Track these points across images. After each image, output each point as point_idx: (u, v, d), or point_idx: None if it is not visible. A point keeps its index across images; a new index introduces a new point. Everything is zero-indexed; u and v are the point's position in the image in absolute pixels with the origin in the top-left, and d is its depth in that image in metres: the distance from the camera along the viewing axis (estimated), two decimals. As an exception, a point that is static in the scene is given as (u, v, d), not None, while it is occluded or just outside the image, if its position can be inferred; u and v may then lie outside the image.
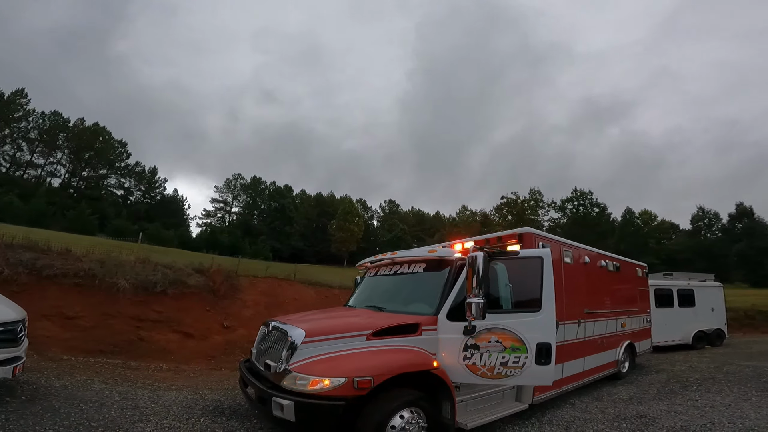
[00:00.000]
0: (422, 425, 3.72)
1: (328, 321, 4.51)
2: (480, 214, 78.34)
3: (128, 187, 68.72)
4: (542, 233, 5.80)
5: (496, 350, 4.01)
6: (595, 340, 6.66)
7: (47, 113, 60.72)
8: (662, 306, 12.16)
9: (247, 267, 13.54)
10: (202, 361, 8.35)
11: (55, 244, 9.48)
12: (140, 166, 69.34)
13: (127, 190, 68.77)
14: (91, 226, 45.64)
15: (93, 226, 46.33)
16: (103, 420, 4.15)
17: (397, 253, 5.59)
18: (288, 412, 3.27)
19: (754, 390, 6.52)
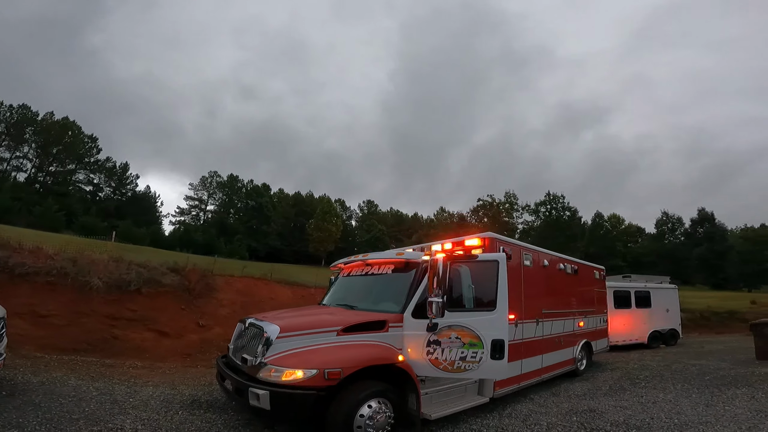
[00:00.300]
0: (389, 415, 4.05)
1: (301, 318, 4.79)
2: (457, 215, 79.59)
3: (98, 183, 66.42)
4: (504, 238, 6.22)
5: (455, 346, 4.39)
6: (553, 339, 7.15)
7: (15, 106, 58.45)
8: (620, 307, 12.84)
9: (223, 266, 13.61)
10: (177, 359, 8.46)
11: (26, 242, 9.39)
12: (111, 161, 67.13)
13: (97, 186, 66.43)
14: (58, 222, 44.07)
15: (60, 222, 44.73)
16: (83, 413, 4.31)
17: (369, 255, 5.94)
18: (264, 401, 3.55)
19: (696, 387, 7.06)
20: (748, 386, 6.88)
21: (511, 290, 5.59)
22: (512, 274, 5.82)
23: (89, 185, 65.83)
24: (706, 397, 6.31)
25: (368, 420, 3.86)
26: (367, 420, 3.84)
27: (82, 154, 63.33)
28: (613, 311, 12.39)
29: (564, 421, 5.20)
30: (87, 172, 64.99)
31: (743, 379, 7.45)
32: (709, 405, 5.74)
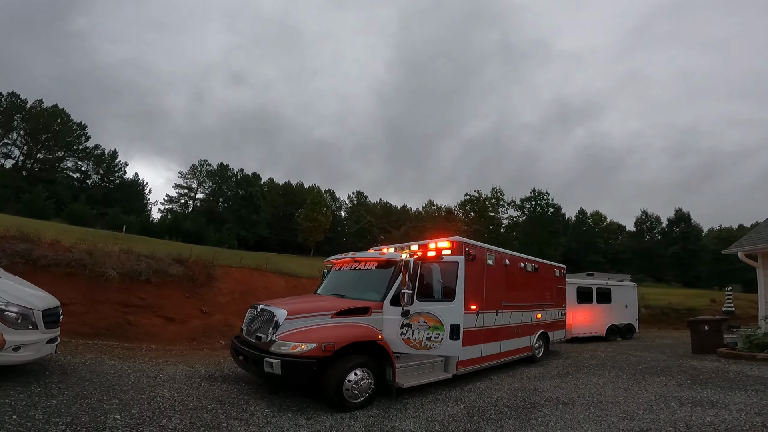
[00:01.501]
0: (370, 382, 5.27)
1: (303, 304, 5.94)
2: (445, 209, 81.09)
3: (86, 171, 66.17)
4: (470, 241, 7.44)
5: (423, 328, 5.63)
6: (511, 328, 8.40)
7: (4, 94, 58.06)
8: (583, 302, 14.15)
9: (221, 257, 14.63)
10: (184, 343, 9.51)
11: (45, 235, 10.30)
12: (99, 149, 66.90)
13: (85, 174, 66.17)
14: (47, 210, 44.24)
15: (49, 210, 44.90)
16: (129, 386, 5.36)
17: (356, 254, 7.19)
18: (276, 368, 4.72)
19: (625, 375, 8.13)
20: (668, 375, 8.00)
21: (474, 285, 6.90)
22: (475, 272, 7.10)
23: (77, 172, 65.49)
24: (628, 382, 7.40)
25: (354, 384, 5.07)
26: (353, 384, 5.06)
27: (71, 141, 62.94)
28: (575, 306, 13.73)
29: (511, 396, 6.33)
30: (75, 160, 64.67)
31: (667, 370, 8.63)
32: (627, 389, 6.84)
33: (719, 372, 8.23)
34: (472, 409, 5.45)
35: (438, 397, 6.04)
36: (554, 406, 5.67)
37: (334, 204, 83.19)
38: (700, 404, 5.69)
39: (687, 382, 7.31)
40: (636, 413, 5.27)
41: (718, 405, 5.61)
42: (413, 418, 4.99)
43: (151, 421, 4.13)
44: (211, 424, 4.24)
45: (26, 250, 9.17)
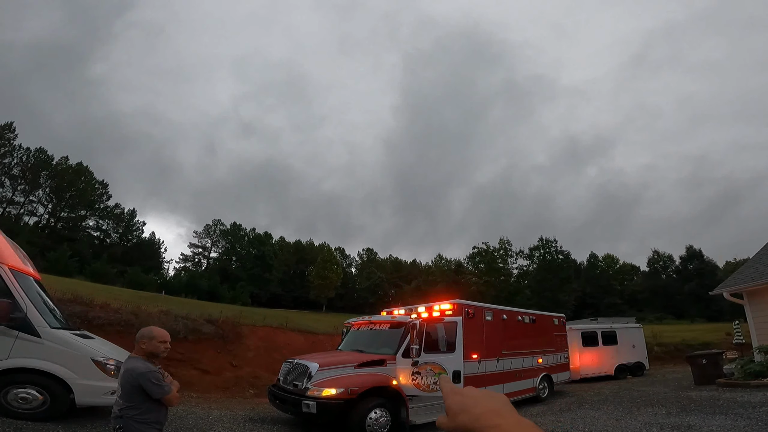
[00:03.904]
0: (387, 419, 6.38)
1: (330, 358, 7.20)
2: (454, 262, 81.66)
3: (106, 230, 68.70)
4: (469, 302, 8.80)
5: (429, 375, 6.86)
6: (513, 372, 9.37)
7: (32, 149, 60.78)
8: (588, 345, 14.83)
9: (246, 315, 15.83)
10: (218, 392, 10.39)
11: (96, 299, 11.69)
12: (119, 208, 69.87)
13: (105, 233, 68.71)
14: (71, 268, 46.25)
15: (73, 268, 46.90)
16: (190, 425, 6.39)
17: (372, 317, 8.70)
18: (313, 408, 5.88)
19: (622, 407, 8.67)
20: (661, 406, 8.48)
21: (474, 338, 8.22)
22: (475, 327, 8.41)
23: (98, 231, 67.79)
24: (622, 413, 8.01)
25: (375, 421, 6.19)
26: (374, 421, 6.19)
27: (93, 200, 65.43)
28: (581, 349, 14.50)
29: None
30: (96, 219, 67.07)
31: (663, 401, 9.08)
32: (618, 419, 7.49)
33: (711, 400, 8.62)
34: (476, 442, 6.37)
35: (447, 434, 6.96)
36: None
37: (345, 261, 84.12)
38: (678, 428, 6.32)
39: (676, 411, 7.80)
40: None
41: (693, 428, 6.24)
42: (425, 450, 5.99)
43: None
44: None
45: (83, 312, 10.53)
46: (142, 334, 3.18)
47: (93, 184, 65.84)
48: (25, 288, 5.60)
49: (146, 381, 2.95)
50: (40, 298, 5.97)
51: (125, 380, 3.01)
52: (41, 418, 5.26)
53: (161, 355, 3.24)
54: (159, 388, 3.02)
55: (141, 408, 3.00)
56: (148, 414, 3.03)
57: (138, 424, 2.98)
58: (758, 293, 10.63)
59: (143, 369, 3.00)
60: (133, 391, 2.97)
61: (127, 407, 3.00)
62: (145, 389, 2.96)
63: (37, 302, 5.71)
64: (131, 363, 3.11)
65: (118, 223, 69.49)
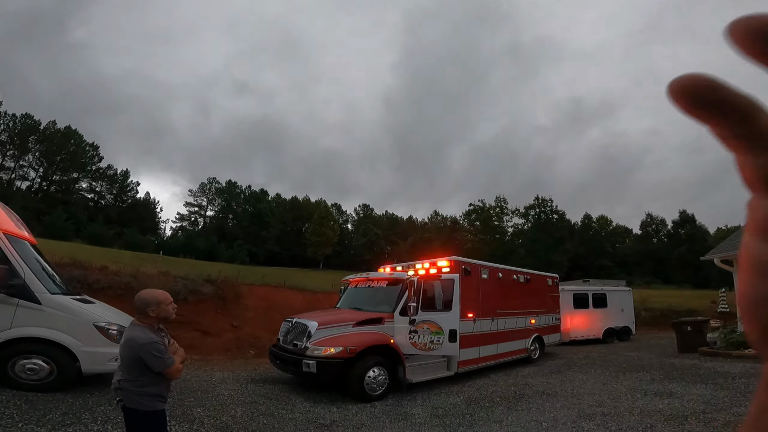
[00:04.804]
0: (385, 378, 6.55)
1: (328, 316, 7.24)
2: (450, 219, 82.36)
3: (100, 191, 68.57)
4: (466, 259, 8.69)
5: (426, 333, 6.94)
6: (507, 332, 9.52)
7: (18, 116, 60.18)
8: (579, 307, 15.01)
9: (244, 275, 16.01)
10: (220, 354, 10.65)
11: (95, 262, 11.73)
12: (112, 169, 69.44)
13: (99, 194, 68.57)
14: (68, 231, 46.22)
15: (69, 231, 46.86)
16: (195, 388, 6.55)
17: (370, 274, 8.59)
18: (313, 367, 6.03)
19: (608, 371, 8.94)
20: (646, 372, 8.74)
21: (470, 296, 8.20)
22: (471, 285, 8.38)
23: (92, 193, 67.74)
24: (608, 378, 8.24)
25: (373, 379, 6.36)
26: (372, 379, 6.35)
27: (85, 162, 65.06)
28: (572, 311, 14.69)
29: (504, 389, 7.41)
30: (89, 180, 66.91)
31: (648, 367, 9.37)
32: (605, 383, 7.72)
33: (693, 368, 8.94)
34: (469, 400, 6.61)
35: (442, 391, 7.20)
36: (539, 396, 6.74)
37: (341, 217, 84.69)
38: (659, 395, 6.59)
39: (659, 377, 8.11)
40: (604, 402, 6.27)
41: (674, 396, 6.51)
42: (421, 406, 6.19)
43: (223, 411, 5.37)
44: (267, 413, 5.48)
45: (82, 276, 10.59)
46: (147, 301, 2.95)
47: (83, 146, 65.17)
48: (21, 253, 5.48)
49: (147, 353, 2.78)
50: (37, 264, 5.85)
51: (125, 351, 2.85)
52: (50, 388, 5.23)
53: (171, 318, 3.09)
54: (160, 360, 2.84)
55: (141, 380, 2.85)
56: (149, 386, 2.88)
57: (139, 397, 2.86)
58: None
59: (144, 339, 2.81)
60: (133, 362, 2.81)
61: (126, 379, 2.86)
62: (146, 361, 2.79)
63: (35, 267, 5.60)
64: (132, 332, 2.92)
65: (111, 184, 69.18)
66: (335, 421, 5.30)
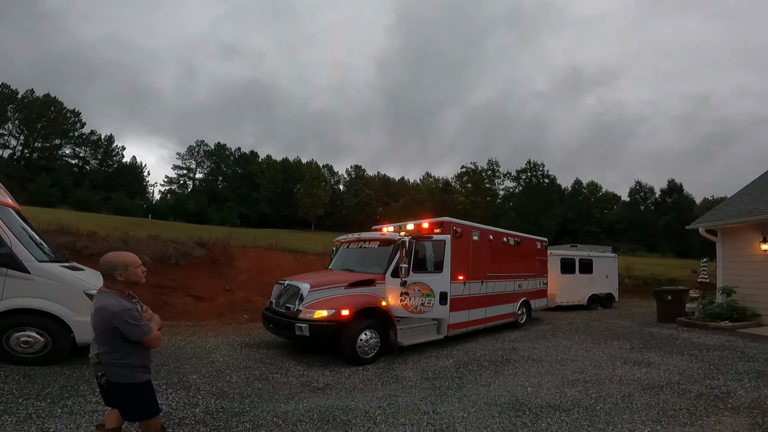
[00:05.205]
0: (377, 341, 6.66)
1: (320, 278, 7.16)
2: (442, 181, 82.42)
3: (84, 157, 67.66)
4: (457, 221, 8.55)
5: (418, 296, 7.04)
6: (495, 296, 9.64)
7: None
8: (566, 272, 15.17)
9: (236, 236, 16.01)
10: (213, 319, 10.60)
11: (83, 228, 11.53)
12: (96, 134, 68.48)
13: (84, 160, 67.65)
14: (53, 198, 45.45)
15: (55, 198, 46.10)
16: (190, 354, 6.57)
17: (361, 234, 8.49)
18: (305, 330, 6.08)
19: (591, 339, 9.08)
20: (626, 340, 8.91)
21: (461, 258, 8.24)
22: (462, 247, 8.39)
23: (75, 159, 66.95)
24: (591, 345, 8.39)
25: (365, 342, 6.47)
26: (364, 342, 6.46)
27: (66, 128, 63.94)
28: (559, 276, 14.84)
29: (492, 354, 7.57)
30: (72, 146, 65.97)
31: (628, 335, 9.54)
32: (588, 350, 7.88)
33: (670, 338, 9.07)
34: (458, 363, 6.80)
35: (432, 354, 7.39)
36: (525, 361, 6.93)
37: (333, 178, 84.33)
38: (638, 364, 6.74)
39: (639, 346, 8.23)
40: (586, 369, 6.45)
41: (652, 365, 6.65)
42: (412, 368, 6.37)
43: (219, 378, 5.44)
44: (261, 377, 5.57)
45: (70, 242, 10.44)
46: (114, 265, 2.70)
47: (64, 113, 64.02)
48: (6, 221, 5.27)
49: (121, 321, 2.60)
50: (23, 231, 5.64)
51: (98, 321, 2.63)
52: (46, 361, 5.12)
53: (141, 282, 2.84)
54: (137, 328, 2.65)
55: (120, 351, 2.67)
56: (130, 357, 2.71)
57: (121, 369, 2.69)
58: (732, 232, 10.76)
59: (116, 307, 2.61)
60: (108, 333, 2.62)
61: (104, 352, 2.68)
62: (121, 331, 2.61)
63: (21, 235, 5.40)
64: (102, 300, 2.67)
65: (96, 149, 68.41)
66: (328, 384, 5.43)
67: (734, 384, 5.43)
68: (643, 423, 4.13)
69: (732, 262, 10.90)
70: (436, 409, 4.60)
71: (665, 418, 4.26)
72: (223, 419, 4.05)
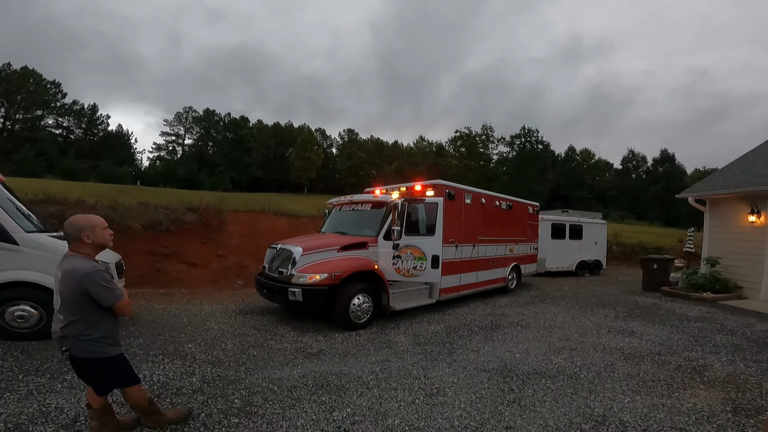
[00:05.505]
0: (370, 305, 6.73)
1: (313, 241, 7.04)
2: (436, 145, 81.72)
3: (68, 126, 66.45)
4: (450, 183, 8.42)
5: (410, 259, 7.05)
6: (487, 260, 9.70)
7: None
8: (556, 237, 15.28)
9: (227, 201, 15.84)
10: (208, 285, 10.58)
11: (70, 197, 11.30)
12: (78, 104, 67.11)
13: (68, 129, 66.49)
14: (39, 168, 44.57)
15: (41, 167, 45.21)
16: (185, 323, 6.50)
17: (354, 197, 8.40)
18: (298, 295, 6.09)
19: (578, 306, 9.19)
20: (611, 308, 9.01)
21: (453, 221, 8.21)
22: (454, 210, 8.34)
23: (59, 129, 65.78)
24: (577, 312, 8.50)
25: (358, 307, 6.52)
26: (357, 307, 6.51)
27: (48, 99, 62.60)
28: (549, 241, 14.95)
29: (482, 319, 7.70)
30: (55, 117, 64.75)
31: (614, 303, 9.64)
32: (574, 317, 7.97)
33: (653, 308, 9.11)
34: (449, 328, 6.92)
35: (424, 319, 7.50)
36: (514, 327, 7.07)
37: (325, 142, 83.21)
38: (622, 333, 6.84)
39: (623, 315, 8.32)
40: (572, 336, 6.57)
41: (635, 335, 6.74)
42: (404, 333, 6.47)
43: (214, 346, 5.47)
44: (256, 344, 5.62)
45: (58, 212, 10.20)
46: (80, 227, 2.51)
47: (44, 84, 62.54)
48: None
49: (93, 283, 2.39)
50: (9, 202, 5.42)
51: (66, 286, 2.41)
52: (42, 335, 5.01)
53: (109, 245, 2.69)
54: (109, 292, 2.45)
55: (87, 321, 2.45)
56: (96, 328, 2.50)
57: (85, 344, 2.48)
58: (721, 202, 10.73)
59: (87, 269, 2.39)
60: (76, 299, 2.41)
61: (69, 323, 2.45)
62: (93, 295, 2.40)
63: (7, 206, 5.20)
64: (70, 263, 2.44)
65: (79, 119, 67.24)
66: (322, 350, 5.49)
67: (711, 357, 5.51)
68: (623, 393, 4.23)
69: (718, 232, 10.91)
70: (427, 374, 4.71)
71: (644, 388, 4.36)
72: (220, 387, 4.10)
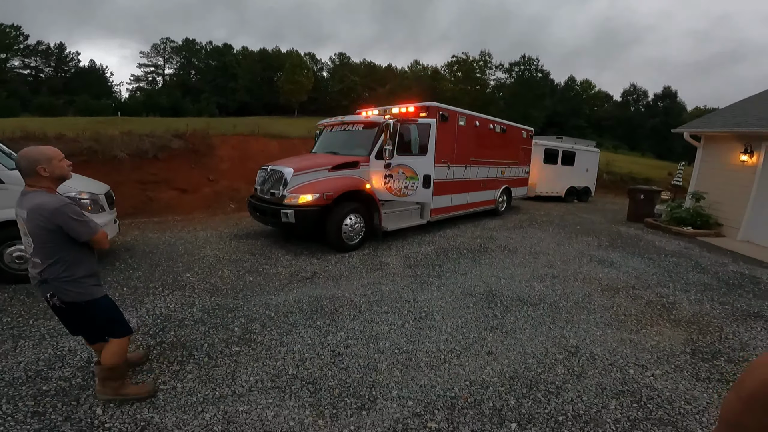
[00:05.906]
0: (361, 225, 6.83)
1: (304, 162, 6.92)
2: (431, 69, 78.35)
3: (36, 66, 62.87)
4: (443, 105, 8.22)
5: (401, 178, 7.04)
6: (478, 181, 9.74)
7: None
8: (549, 162, 15.34)
9: (215, 126, 15.40)
10: (200, 211, 10.58)
11: (49, 132, 10.87)
12: (43, 44, 63.02)
13: (36, 69, 62.97)
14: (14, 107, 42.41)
15: (15, 107, 42.99)
16: (181, 252, 6.50)
17: (345, 117, 8.24)
18: (291, 216, 6.11)
19: (563, 233, 9.23)
20: (595, 237, 8.99)
21: (446, 143, 8.14)
22: (448, 131, 8.24)
23: (27, 69, 62.27)
24: (562, 239, 8.57)
25: (350, 228, 6.62)
26: (349, 227, 6.61)
27: (9, 43, 58.75)
28: (542, 166, 15.08)
29: (471, 242, 7.88)
30: (21, 58, 61.25)
31: (597, 232, 9.60)
32: (559, 244, 8.05)
33: (635, 239, 9.02)
34: (439, 250, 7.09)
35: (415, 241, 7.68)
36: (501, 251, 7.25)
37: (315, 66, 79.33)
38: (602, 263, 6.93)
39: (605, 245, 8.28)
40: (555, 263, 6.70)
41: (614, 266, 6.82)
42: (395, 255, 6.64)
43: (211, 273, 5.53)
44: (252, 269, 5.71)
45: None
46: (35, 159, 2.24)
47: (3, 29, 58.48)
48: None
49: (66, 219, 2.19)
50: None
51: (35, 225, 2.19)
52: None
53: (68, 177, 2.44)
54: (84, 225, 2.27)
55: (66, 261, 2.29)
56: (77, 267, 2.33)
57: (70, 285, 2.32)
58: (716, 140, 10.58)
59: (55, 203, 2.19)
60: (50, 238, 2.22)
61: (48, 266, 2.27)
62: (67, 231, 2.22)
63: None
64: (34, 199, 2.21)
65: (47, 58, 63.68)
66: (316, 273, 5.61)
67: (681, 295, 5.50)
68: (596, 325, 4.36)
69: (708, 168, 10.82)
70: (416, 297, 4.88)
71: (616, 322, 4.48)
72: (219, 316, 4.18)
